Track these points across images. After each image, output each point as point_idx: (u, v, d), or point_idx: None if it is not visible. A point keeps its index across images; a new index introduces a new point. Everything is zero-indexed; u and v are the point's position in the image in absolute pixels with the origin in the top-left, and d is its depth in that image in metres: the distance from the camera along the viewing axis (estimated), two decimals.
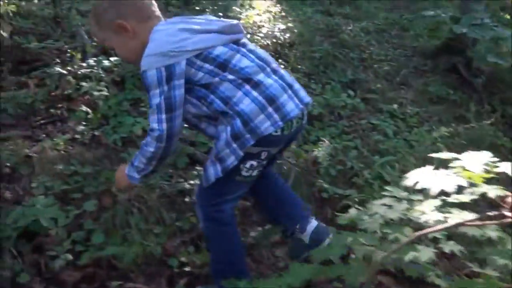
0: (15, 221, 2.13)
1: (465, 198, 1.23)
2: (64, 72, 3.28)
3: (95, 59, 3.47)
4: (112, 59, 3.46)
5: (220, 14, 4.63)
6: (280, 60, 4.41)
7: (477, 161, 1.19)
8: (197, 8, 4.99)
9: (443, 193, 1.18)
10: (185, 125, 2.03)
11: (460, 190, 1.19)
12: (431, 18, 4.95)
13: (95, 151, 2.83)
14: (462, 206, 1.28)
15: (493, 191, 1.16)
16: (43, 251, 2.20)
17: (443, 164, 1.25)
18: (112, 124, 3.09)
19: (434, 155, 1.33)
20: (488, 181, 1.22)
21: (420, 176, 1.17)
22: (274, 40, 4.66)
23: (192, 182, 2.71)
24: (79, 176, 2.58)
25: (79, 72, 3.35)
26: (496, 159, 1.21)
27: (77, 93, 3.23)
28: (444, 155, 1.24)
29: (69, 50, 3.53)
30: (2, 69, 3.39)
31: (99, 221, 2.38)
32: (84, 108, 3.09)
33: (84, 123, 3.03)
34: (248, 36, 4.44)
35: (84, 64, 3.38)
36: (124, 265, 2.24)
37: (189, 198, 2.66)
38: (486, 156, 1.20)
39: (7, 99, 3.04)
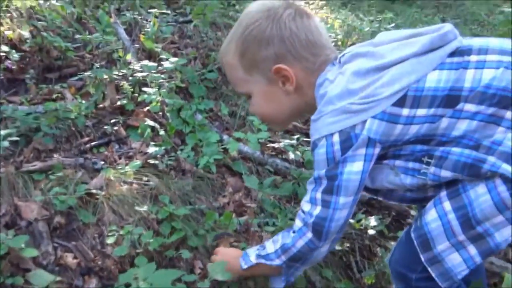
0: None
1: None
2: (115, 76, 2.37)
3: (147, 61, 2.58)
4: (172, 60, 2.57)
5: None
6: None
7: None
8: None
9: None
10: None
11: None
12: None
13: (181, 182, 1.90)
14: None
15: None
16: None
17: None
18: (191, 143, 2.18)
19: None
20: None
21: None
22: None
23: None
24: (174, 220, 1.65)
25: (130, 78, 2.45)
26: None
27: (133, 103, 2.32)
28: None
29: (117, 50, 2.62)
30: (23, 78, 2.46)
31: None
32: (150, 122, 2.17)
33: (153, 143, 2.10)
34: None
35: (137, 67, 2.48)
36: None
37: (340, 245, 1.74)
38: None
39: (38, 115, 2.10)
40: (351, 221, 1.81)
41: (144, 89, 2.32)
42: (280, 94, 1.21)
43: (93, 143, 2.08)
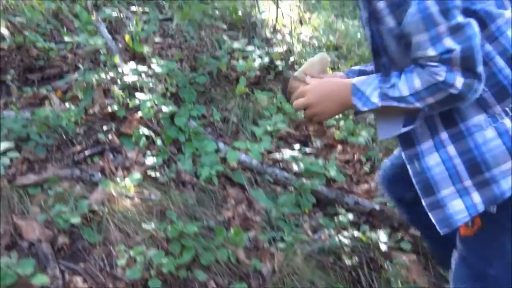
0: None
1: None
2: (103, 77, 2.27)
3: (134, 64, 2.48)
4: (162, 62, 2.48)
5: None
6: None
7: None
8: None
9: None
10: None
11: None
12: None
13: (183, 195, 1.84)
14: None
15: None
16: None
17: None
18: (188, 151, 2.11)
19: None
20: None
21: None
22: None
23: (345, 234, 1.79)
24: (183, 238, 1.59)
25: (119, 82, 2.35)
26: None
27: (124, 109, 2.22)
28: None
29: (102, 52, 2.50)
30: (4, 80, 2.32)
31: None
32: (145, 130, 2.09)
33: (149, 152, 2.03)
34: None
35: (126, 71, 2.38)
36: None
37: (349, 259, 1.73)
38: None
39: (25, 121, 1.97)
40: (359, 234, 1.80)
41: (136, 94, 2.23)
42: None
43: (86, 153, 1.98)
